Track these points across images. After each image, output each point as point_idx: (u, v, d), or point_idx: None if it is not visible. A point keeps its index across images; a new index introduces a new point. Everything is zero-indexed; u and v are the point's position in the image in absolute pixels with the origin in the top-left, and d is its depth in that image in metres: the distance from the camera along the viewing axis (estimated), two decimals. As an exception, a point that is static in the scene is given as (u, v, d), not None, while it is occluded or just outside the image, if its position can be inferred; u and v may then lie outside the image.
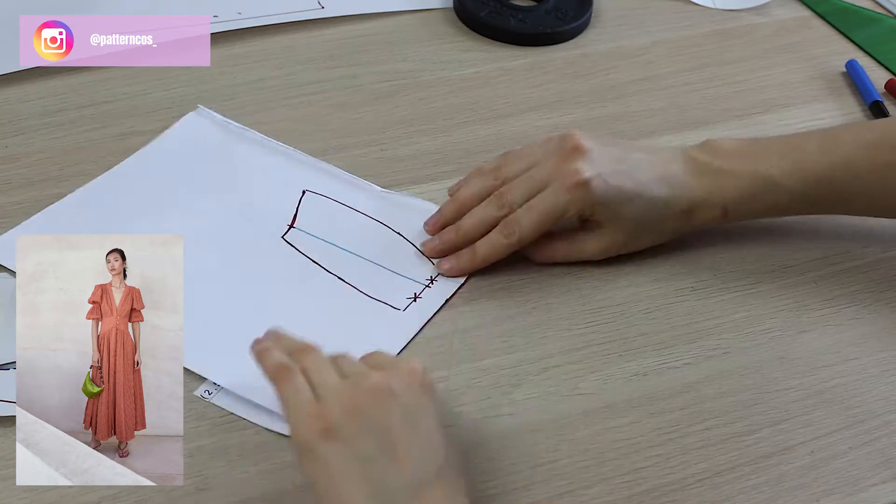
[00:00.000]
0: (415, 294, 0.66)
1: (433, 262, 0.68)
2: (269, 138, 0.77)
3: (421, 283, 0.67)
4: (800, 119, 0.83)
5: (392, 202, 0.73)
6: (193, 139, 0.77)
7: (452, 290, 0.67)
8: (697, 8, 0.96)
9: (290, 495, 0.56)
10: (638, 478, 0.58)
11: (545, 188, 0.66)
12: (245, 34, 0.87)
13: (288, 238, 0.69)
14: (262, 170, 0.75)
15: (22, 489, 0.54)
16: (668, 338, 0.65)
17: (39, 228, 0.68)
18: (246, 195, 0.72)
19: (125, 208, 0.70)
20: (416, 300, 0.66)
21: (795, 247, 0.72)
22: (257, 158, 0.76)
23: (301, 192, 0.72)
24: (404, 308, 0.65)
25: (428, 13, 0.92)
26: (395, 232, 0.70)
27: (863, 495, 0.58)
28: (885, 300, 0.69)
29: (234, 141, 0.77)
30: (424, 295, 0.66)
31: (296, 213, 0.71)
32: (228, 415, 0.59)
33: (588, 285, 0.68)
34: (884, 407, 0.62)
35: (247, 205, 0.72)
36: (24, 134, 0.76)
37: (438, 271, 0.68)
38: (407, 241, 0.70)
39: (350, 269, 0.68)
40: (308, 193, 0.72)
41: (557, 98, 0.84)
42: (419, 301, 0.66)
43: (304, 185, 0.73)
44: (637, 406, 0.61)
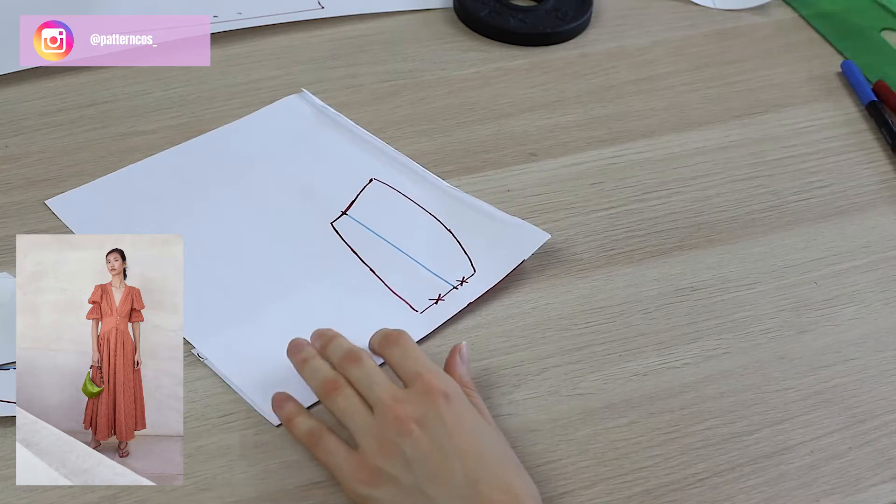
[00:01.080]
0: (439, 295, 0.66)
1: (472, 263, 0.68)
2: (359, 127, 0.78)
3: (450, 283, 0.67)
4: (799, 119, 0.83)
5: (455, 199, 0.73)
6: (285, 119, 0.79)
7: (477, 295, 0.66)
8: (697, 8, 0.96)
9: (290, 495, 0.56)
10: (638, 478, 0.58)
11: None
12: (245, 34, 0.87)
13: (337, 225, 0.70)
14: (340, 155, 0.76)
15: (22, 489, 0.54)
16: (668, 338, 0.65)
17: (108, 189, 0.72)
18: (316, 177, 0.74)
19: (198, 178, 0.73)
20: (438, 302, 0.66)
21: (795, 247, 0.72)
22: (340, 144, 0.77)
23: (368, 179, 0.73)
24: (422, 311, 0.65)
25: (428, 13, 0.92)
26: (446, 228, 0.71)
27: (863, 495, 0.58)
28: (885, 300, 0.69)
29: (324, 125, 0.78)
30: (449, 297, 0.66)
31: (353, 200, 0.71)
32: (228, 414, 0.59)
33: (588, 285, 0.68)
34: (884, 407, 0.62)
35: (312, 187, 0.73)
36: (24, 134, 0.76)
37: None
38: (454, 239, 0.70)
39: (384, 261, 0.68)
40: (374, 182, 0.73)
41: (557, 98, 0.84)
42: (441, 304, 0.66)
43: (374, 174, 0.74)
44: (637, 406, 0.61)
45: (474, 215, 0.72)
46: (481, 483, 0.52)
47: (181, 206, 0.71)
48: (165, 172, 0.73)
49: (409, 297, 0.66)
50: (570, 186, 0.76)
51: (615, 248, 0.71)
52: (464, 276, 0.68)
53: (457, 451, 0.52)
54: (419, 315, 0.65)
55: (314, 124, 0.78)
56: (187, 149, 0.75)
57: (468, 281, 0.67)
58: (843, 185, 0.78)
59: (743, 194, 0.76)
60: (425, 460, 0.52)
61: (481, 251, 0.69)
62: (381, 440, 0.53)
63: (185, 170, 0.74)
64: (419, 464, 0.52)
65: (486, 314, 0.66)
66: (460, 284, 0.67)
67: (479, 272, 0.68)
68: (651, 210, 0.74)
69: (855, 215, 0.75)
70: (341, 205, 0.72)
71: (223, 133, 0.77)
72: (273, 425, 0.59)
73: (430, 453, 0.52)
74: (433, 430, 0.53)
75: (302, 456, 0.57)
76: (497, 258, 0.68)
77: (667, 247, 0.71)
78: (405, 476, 0.52)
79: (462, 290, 0.67)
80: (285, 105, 0.80)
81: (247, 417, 0.59)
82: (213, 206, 0.71)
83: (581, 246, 0.71)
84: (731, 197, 0.76)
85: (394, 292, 0.66)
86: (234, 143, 0.76)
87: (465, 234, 0.70)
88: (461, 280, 0.67)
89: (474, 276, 0.67)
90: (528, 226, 0.71)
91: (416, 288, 0.67)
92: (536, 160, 0.78)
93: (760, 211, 0.75)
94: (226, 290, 0.66)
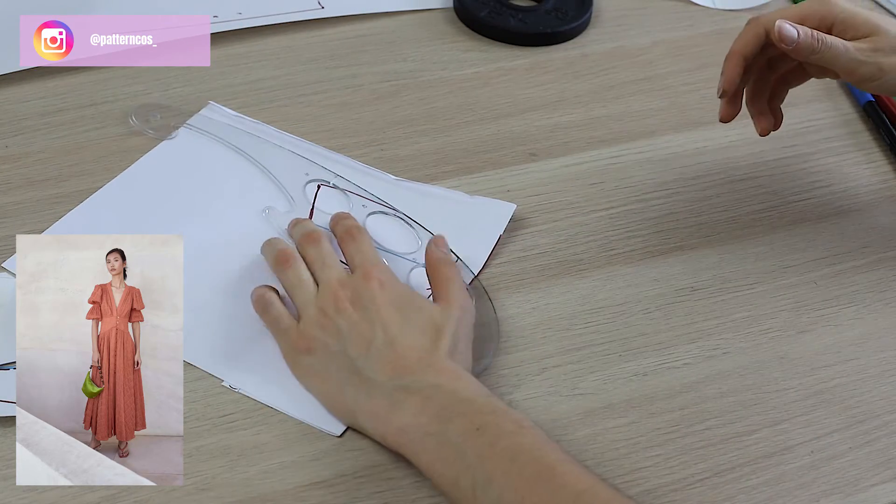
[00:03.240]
0: None
1: (451, 250, 0.68)
2: (280, 131, 0.77)
3: None
4: (799, 119, 0.83)
5: (408, 189, 0.73)
6: (207, 136, 0.77)
7: (470, 278, 0.67)
8: (697, 8, 0.96)
9: (291, 495, 0.56)
10: (638, 478, 0.58)
11: None
12: (245, 34, 0.87)
13: None
14: (275, 166, 0.74)
15: (22, 489, 0.54)
16: (668, 338, 0.65)
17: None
18: (263, 194, 0.72)
19: (141, 212, 0.70)
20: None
21: (795, 247, 0.72)
22: (269, 153, 0.75)
23: (316, 186, 0.72)
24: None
25: (428, 13, 0.92)
26: (412, 220, 0.70)
27: (863, 495, 0.58)
28: (885, 300, 0.69)
29: (246, 136, 0.77)
30: None
31: (311, 209, 0.70)
32: (228, 414, 0.59)
33: (588, 285, 0.68)
34: (884, 407, 0.62)
35: (264, 204, 0.71)
36: (24, 134, 0.76)
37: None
38: (425, 230, 0.70)
39: None
40: (323, 187, 0.72)
41: (557, 98, 0.84)
42: None
43: (315, 176, 0.73)
44: (637, 406, 0.61)
45: (433, 202, 0.72)
46: (397, 343, 0.58)
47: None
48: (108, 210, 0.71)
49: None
50: (570, 186, 0.76)
51: (615, 248, 0.71)
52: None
53: (381, 322, 0.59)
54: None
55: (236, 136, 0.76)
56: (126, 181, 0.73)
57: (457, 265, 0.67)
58: (843, 185, 0.78)
59: (743, 194, 0.76)
60: (353, 329, 0.59)
61: (454, 236, 0.68)
62: (320, 313, 0.60)
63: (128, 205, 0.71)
64: (347, 333, 0.59)
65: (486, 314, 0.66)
66: None
67: (462, 257, 0.68)
68: (651, 210, 0.74)
69: (855, 215, 0.75)
70: (302, 215, 0.70)
71: (149, 161, 0.74)
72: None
73: (359, 323, 0.59)
74: (365, 308, 0.60)
75: (302, 456, 0.57)
76: (473, 239, 0.69)
77: (667, 247, 0.71)
78: (334, 343, 0.59)
79: None
80: (198, 121, 0.77)
81: (246, 417, 0.59)
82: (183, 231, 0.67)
83: (581, 246, 0.71)
84: (731, 197, 0.76)
85: None
86: (166, 171, 0.74)
87: (432, 222, 0.70)
88: None
89: (458, 263, 0.67)
90: (491, 201, 0.71)
91: (411, 282, 0.67)
92: (536, 160, 0.78)
93: (760, 211, 0.75)
94: (230, 315, 0.64)
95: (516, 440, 0.53)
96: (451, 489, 0.53)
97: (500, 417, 0.54)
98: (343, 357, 0.59)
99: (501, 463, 0.52)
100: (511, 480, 0.51)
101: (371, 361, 0.58)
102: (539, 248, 0.71)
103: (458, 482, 0.53)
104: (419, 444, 0.55)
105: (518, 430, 0.54)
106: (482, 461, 0.52)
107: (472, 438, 0.53)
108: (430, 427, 0.54)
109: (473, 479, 0.52)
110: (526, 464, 0.52)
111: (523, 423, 0.54)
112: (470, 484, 0.52)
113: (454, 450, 0.53)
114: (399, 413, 0.56)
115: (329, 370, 0.59)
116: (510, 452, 0.52)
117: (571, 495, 0.50)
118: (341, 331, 0.59)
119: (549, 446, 0.53)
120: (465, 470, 0.52)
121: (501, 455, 0.52)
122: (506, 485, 0.51)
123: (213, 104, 0.79)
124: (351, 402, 0.58)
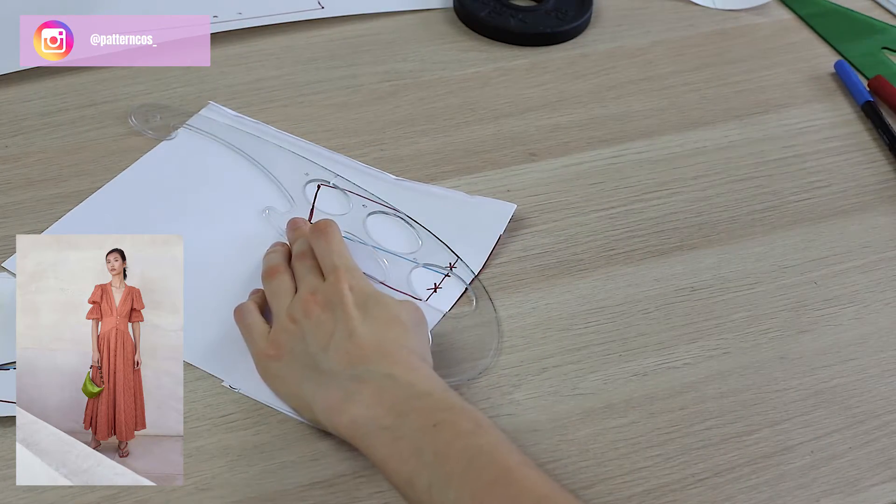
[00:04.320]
0: (434, 284, 0.67)
1: (451, 250, 0.68)
2: (280, 131, 0.77)
3: (441, 272, 0.67)
4: (799, 119, 0.83)
5: (407, 189, 0.73)
6: (207, 136, 0.76)
7: (471, 278, 0.67)
8: (697, 8, 0.96)
9: (291, 495, 0.56)
10: (638, 478, 0.58)
11: None
12: (245, 34, 0.87)
13: None
14: (275, 166, 0.74)
15: (22, 489, 0.54)
16: (668, 338, 0.65)
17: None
18: (263, 194, 0.72)
19: (141, 212, 0.70)
20: (437, 290, 0.66)
21: (795, 247, 0.72)
22: (269, 153, 0.75)
23: (316, 186, 0.72)
24: (426, 299, 0.66)
25: (428, 13, 0.92)
26: (412, 220, 0.70)
27: (863, 495, 0.58)
28: (885, 300, 0.69)
29: (246, 136, 0.76)
30: (444, 284, 0.67)
31: (312, 209, 0.71)
32: (228, 414, 0.59)
33: (588, 285, 0.68)
34: (884, 407, 0.62)
35: (264, 204, 0.71)
36: (24, 134, 0.76)
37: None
38: (425, 230, 0.70)
39: (368, 261, 0.68)
40: (323, 187, 0.72)
41: (557, 98, 0.84)
42: (440, 291, 0.66)
43: (314, 176, 0.73)
44: (637, 406, 0.61)
45: (433, 202, 0.72)
46: (356, 334, 0.57)
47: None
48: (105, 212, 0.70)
49: (410, 290, 0.67)
50: (570, 186, 0.76)
51: (615, 248, 0.71)
52: (450, 262, 0.68)
53: (344, 318, 0.58)
54: (425, 304, 0.65)
55: (236, 136, 0.76)
56: (122, 182, 0.72)
57: (457, 266, 0.67)
58: (843, 185, 0.78)
59: (743, 194, 0.76)
60: (317, 328, 0.58)
61: (454, 236, 0.69)
62: (289, 320, 0.60)
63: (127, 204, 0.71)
64: (311, 332, 0.58)
65: (486, 314, 0.66)
66: (450, 271, 0.67)
67: (462, 256, 0.68)
68: (651, 210, 0.74)
69: (855, 215, 0.75)
70: (302, 216, 0.70)
71: (148, 161, 0.74)
72: (275, 424, 0.59)
73: (324, 322, 0.58)
74: (334, 311, 0.59)
75: (302, 456, 0.57)
76: (473, 239, 0.69)
77: (667, 247, 0.71)
78: (298, 344, 0.59)
79: (454, 275, 0.67)
80: (199, 120, 0.77)
81: (246, 417, 0.59)
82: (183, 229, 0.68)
83: (581, 246, 0.71)
84: (731, 197, 0.76)
85: (394, 289, 0.66)
86: (166, 171, 0.74)
87: (432, 222, 0.70)
88: (450, 266, 0.68)
89: (459, 262, 0.68)
90: (491, 201, 0.71)
91: (412, 280, 0.67)
92: (536, 160, 0.78)
93: (760, 211, 0.75)
94: (230, 315, 0.63)
95: (474, 441, 0.52)
96: (406, 487, 0.52)
97: (458, 415, 0.54)
98: (305, 356, 0.58)
99: (459, 464, 0.51)
100: (469, 483, 0.50)
101: (329, 353, 0.57)
102: (539, 248, 0.71)
103: (414, 480, 0.52)
104: (373, 437, 0.54)
105: (476, 429, 0.53)
106: (439, 461, 0.51)
107: (429, 435, 0.52)
108: (385, 420, 0.54)
109: (430, 478, 0.51)
110: (484, 467, 0.51)
111: (482, 423, 0.54)
112: (426, 484, 0.51)
113: (410, 446, 0.52)
114: (352, 404, 0.55)
115: (293, 371, 0.58)
116: (468, 453, 0.52)
117: (530, 501, 0.50)
118: (306, 332, 0.59)
119: (507, 448, 0.52)
120: (421, 468, 0.52)
121: (459, 456, 0.51)
122: (463, 488, 0.50)
123: (213, 104, 0.79)
124: (308, 396, 0.57)
